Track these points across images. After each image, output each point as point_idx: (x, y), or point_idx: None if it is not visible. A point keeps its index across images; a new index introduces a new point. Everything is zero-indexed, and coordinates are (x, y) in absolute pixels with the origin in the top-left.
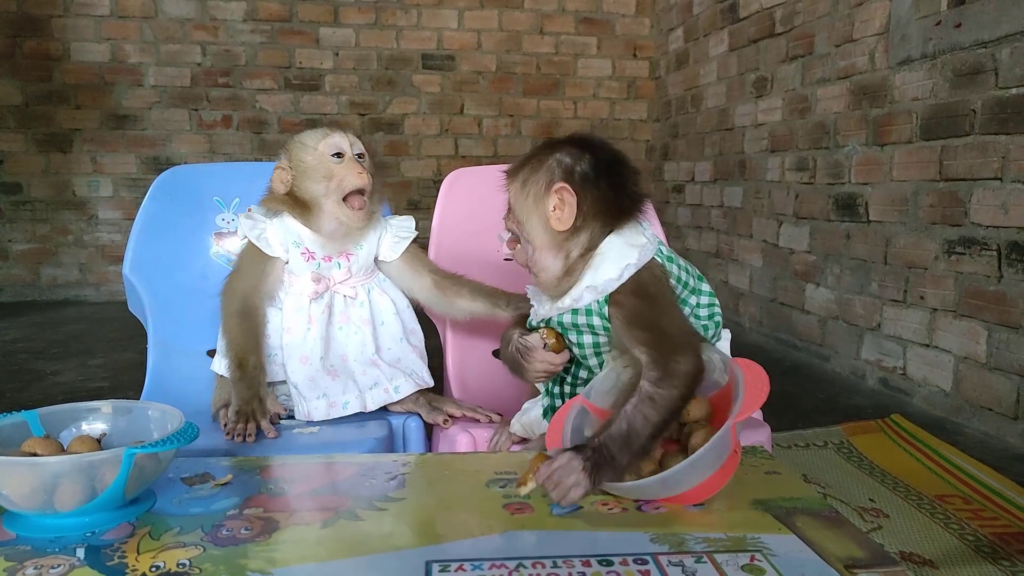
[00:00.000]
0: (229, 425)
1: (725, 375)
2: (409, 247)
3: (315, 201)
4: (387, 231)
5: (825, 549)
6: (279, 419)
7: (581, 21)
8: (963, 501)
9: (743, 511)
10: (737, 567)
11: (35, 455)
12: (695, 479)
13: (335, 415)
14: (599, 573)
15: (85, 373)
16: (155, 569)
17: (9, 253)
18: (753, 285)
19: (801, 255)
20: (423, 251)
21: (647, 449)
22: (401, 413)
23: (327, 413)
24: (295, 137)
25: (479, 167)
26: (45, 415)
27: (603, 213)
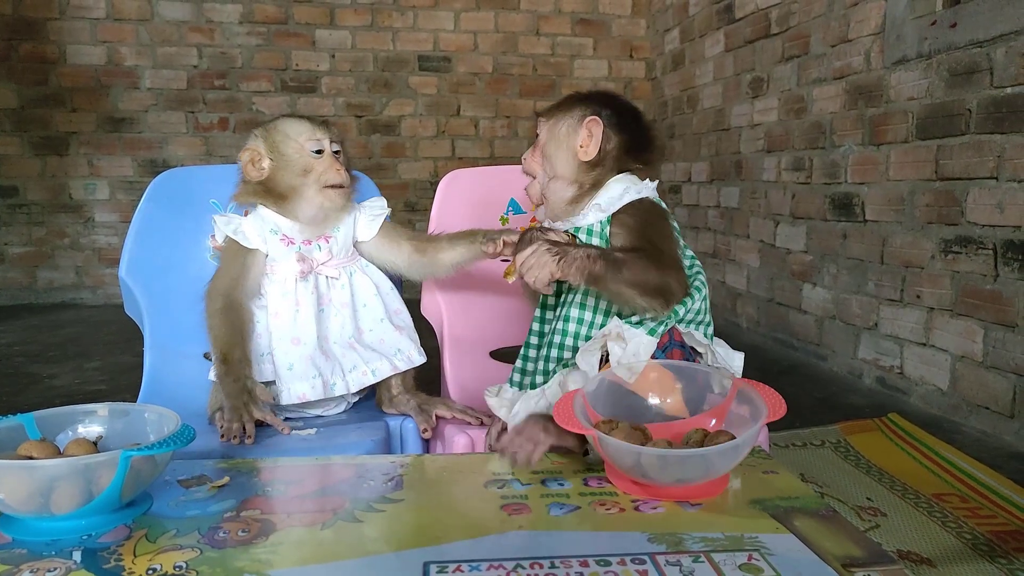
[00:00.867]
0: (225, 426)
1: (725, 390)
2: (384, 223)
3: (293, 190)
4: (361, 212)
5: (823, 548)
6: (272, 410)
7: (577, 22)
8: (960, 499)
9: (741, 510)
10: (735, 566)
11: (31, 458)
12: (723, 467)
13: (327, 395)
14: (597, 573)
15: (81, 376)
16: (152, 572)
17: (5, 256)
18: (750, 285)
19: (798, 255)
20: (396, 224)
21: (613, 278)
22: (397, 415)
23: (323, 393)
24: (275, 124)
25: (476, 168)
26: (41, 418)
27: (621, 152)
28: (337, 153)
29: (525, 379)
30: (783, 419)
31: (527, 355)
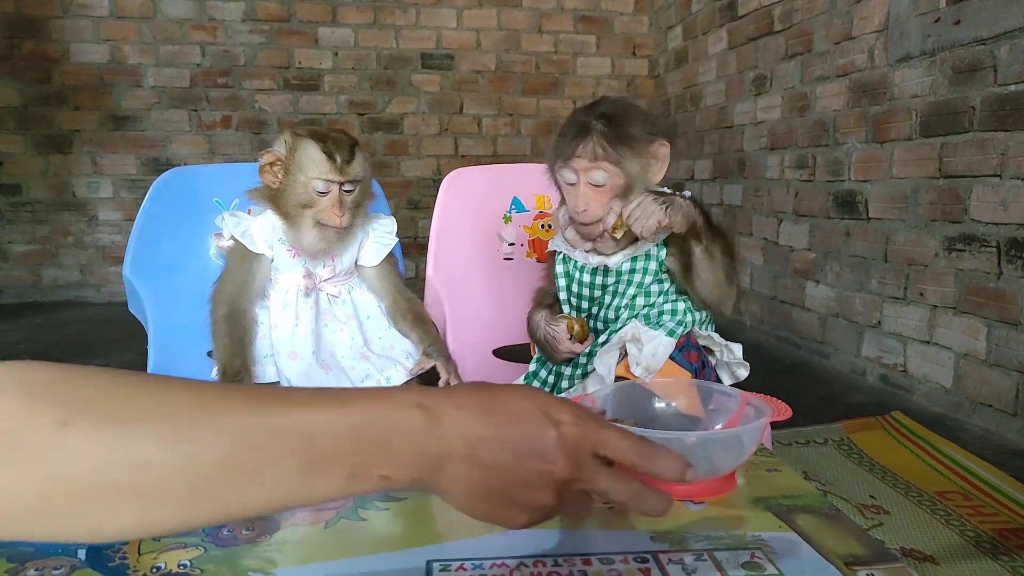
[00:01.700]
0: None
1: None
2: (385, 261)
3: (294, 215)
4: (368, 236)
5: (825, 546)
6: None
7: (580, 20)
8: (963, 497)
9: (743, 509)
10: (737, 565)
11: None
12: (726, 458)
13: None
14: (600, 571)
15: None
16: (156, 570)
17: (9, 255)
18: (753, 283)
19: (801, 253)
20: (394, 266)
21: (713, 236)
22: None
23: None
24: (301, 142)
25: (479, 166)
26: None
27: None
28: (349, 192)
29: (535, 383)
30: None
31: (541, 358)
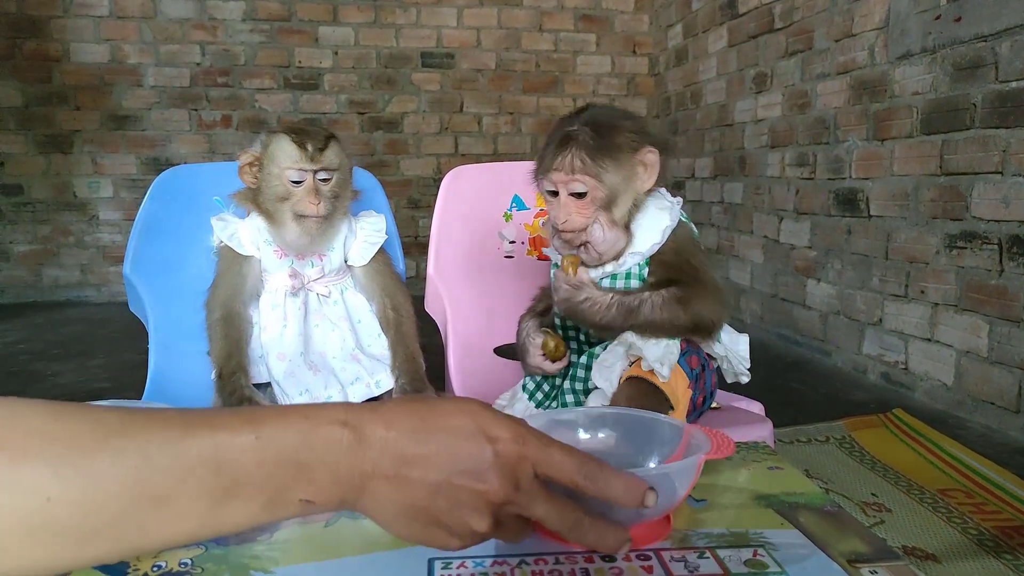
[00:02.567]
0: None
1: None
2: (377, 260)
3: (273, 211)
4: (356, 235)
5: (828, 544)
6: None
7: (580, 18)
8: (965, 495)
9: (745, 506)
10: (740, 562)
11: None
12: (667, 499)
13: None
14: (602, 569)
15: (86, 374)
16: (157, 569)
17: (10, 254)
18: (754, 281)
19: (802, 251)
20: (387, 267)
21: (621, 326)
22: None
23: None
24: (274, 138)
25: (479, 165)
26: None
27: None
28: (325, 181)
29: (538, 393)
30: (788, 415)
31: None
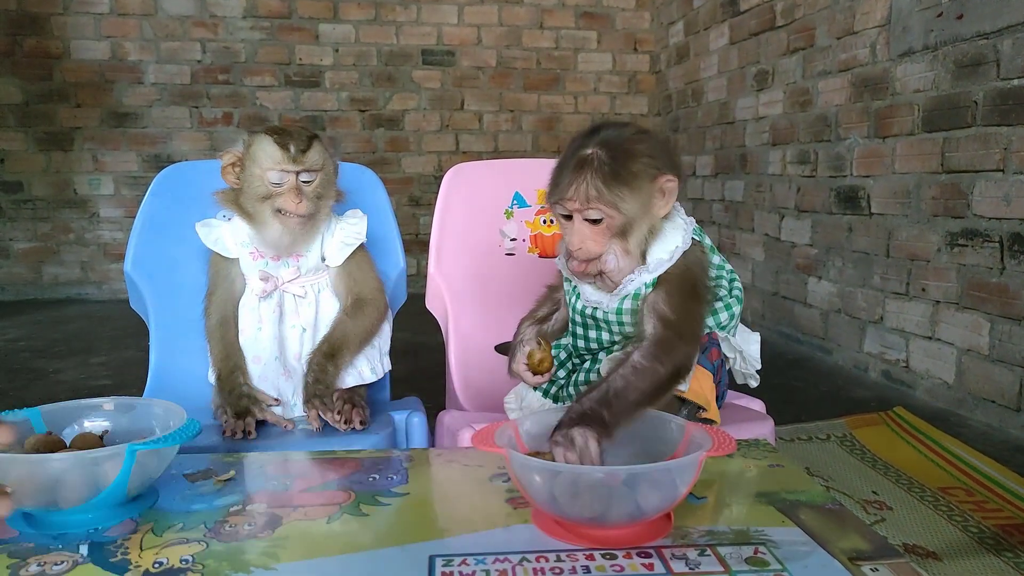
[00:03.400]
0: (227, 422)
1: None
2: (353, 260)
3: (254, 211)
4: (334, 235)
5: (829, 542)
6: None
7: (581, 15)
8: (966, 493)
9: (746, 504)
10: (741, 560)
11: (38, 452)
12: (667, 497)
13: (288, 415)
14: (603, 566)
15: (87, 371)
16: (158, 566)
17: (11, 252)
18: (755, 279)
19: (803, 248)
20: (362, 270)
21: (628, 412)
22: (404, 409)
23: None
24: (255, 138)
25: (480, 162)
26: (47, 412)
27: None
28: (308, 182)
29: (552, 387)
30: (789, 413)
31: (558, 355)
